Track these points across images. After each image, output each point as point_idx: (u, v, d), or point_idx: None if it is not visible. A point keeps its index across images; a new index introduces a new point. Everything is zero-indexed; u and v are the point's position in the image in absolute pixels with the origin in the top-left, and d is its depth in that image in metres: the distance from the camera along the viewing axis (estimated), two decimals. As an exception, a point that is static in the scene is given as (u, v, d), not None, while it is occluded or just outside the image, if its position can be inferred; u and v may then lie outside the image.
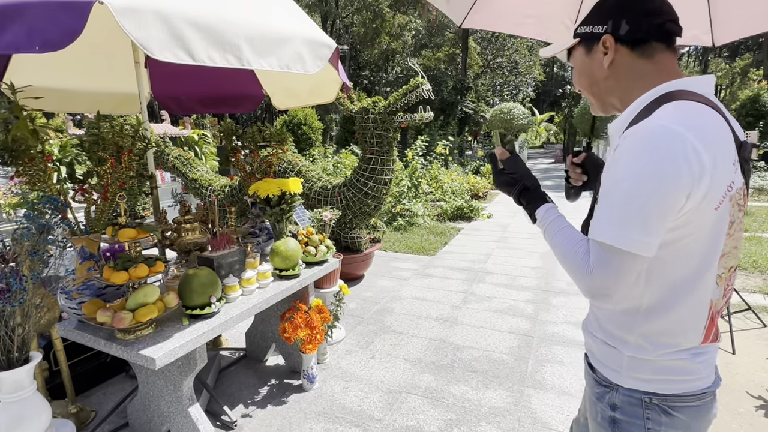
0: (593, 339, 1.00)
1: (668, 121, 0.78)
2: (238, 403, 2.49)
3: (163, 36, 1.30)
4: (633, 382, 0.92)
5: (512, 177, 1.04)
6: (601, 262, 0.82)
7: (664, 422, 0.90)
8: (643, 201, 0.77)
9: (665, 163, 0.76)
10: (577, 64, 1.00)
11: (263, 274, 2.28)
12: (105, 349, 1.74)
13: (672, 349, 0.89)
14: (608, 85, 0.96)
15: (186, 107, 3.29)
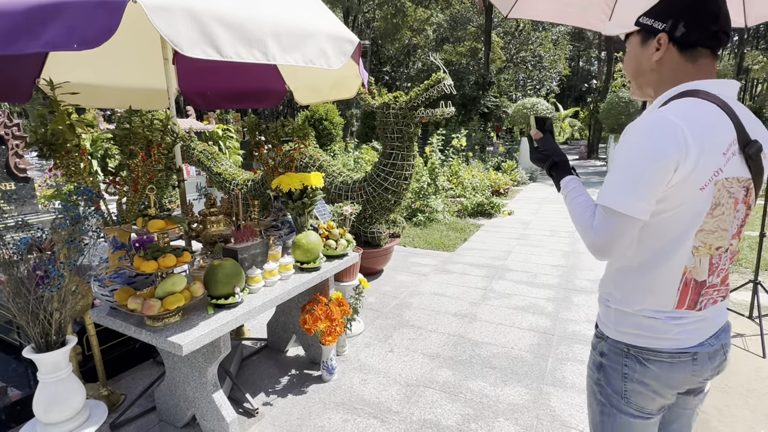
0: (599, 302, 1.19)
1: (667, 112, 0.95)
2: (259, 392, 2.55)
3: (192, 33, 1.35)
4: (617, 335, 1.11)
5: (544, 153, 1.21)
6: (603, 222, 0.99)
7: (638, 370, 1.08)
8: (638, 172, 0.95)
9: (658, 142, 0.93)
10: (631, 50, 1.11)
11: (285, 266, 2.33)
12: (135, 334, 1.82)
13: (650, 308, 1.06)
14: (651, 77, 1.09)
15: (211, 102, 3.37)
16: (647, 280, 1.05)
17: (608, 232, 0.98)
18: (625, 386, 1.10)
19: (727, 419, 2.30)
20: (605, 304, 1.14)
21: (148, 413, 2.35)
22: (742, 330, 3.24)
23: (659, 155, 0.93)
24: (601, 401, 1.16)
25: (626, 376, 1.10)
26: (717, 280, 1.05)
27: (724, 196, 0.97)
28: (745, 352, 2.94)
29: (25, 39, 1.20)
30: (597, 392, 1.18)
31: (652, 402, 1.10)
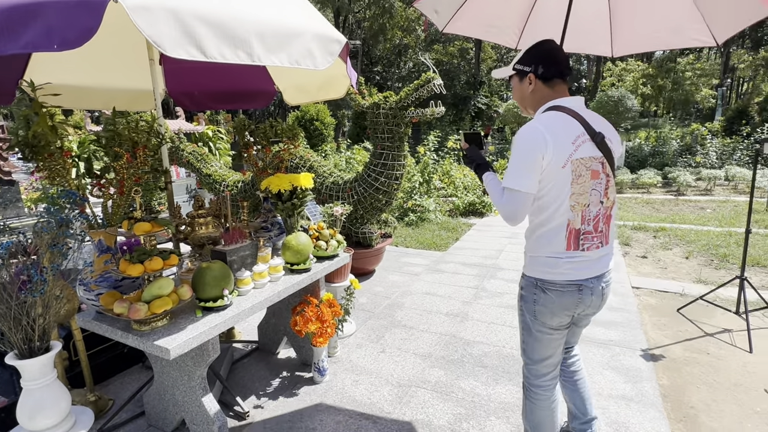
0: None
1: (535, 122, 1.51)
2: (250, 395, 2.53)
3: (175, 33, 1.33)
4: (530, 272, 1.64)
5: (470, 158, 1.75)
6: (508, 197, 1.50)
7: (542, 297, 1.60)
8: (521, 162, 1.47)
9: (530, 141, 1.47)
10: (515, 86, 1.69)
11: (275, 268, 2.31)
12: (122, 339, 1.79)
13: (548, 252, 1.56)
14: (530, 101, 1.66)
15: (199, 103, 3.34)
16: (545, 233, 1.55)
17: (511, 204, 1.48)
18: (535, 308, 1.63)
19: (715, 414, 2.32)
20: (525, 254, 1.67)
21: (137, 418, 2.32)
22: (730, 325, 3.29)
23: (531, 149, 1.45)
24: (523, 321, 1.70)
25: (535, 302, 1.62)
26: (590, 227, 1.53)
27: (582, 170, 1.48)
28: (732, 347, 2.98)
29: (4, 40, 1.18)
30: (519, 312, 1.73)
31: (551, 319, 1.61)
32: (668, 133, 14.22)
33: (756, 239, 5.50)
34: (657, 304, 3.75)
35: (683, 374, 2.69)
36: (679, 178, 10.03)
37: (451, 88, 19.14)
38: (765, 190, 8.42)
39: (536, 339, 1.68)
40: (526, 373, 1.80)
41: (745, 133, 12.32)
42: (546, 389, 1.75)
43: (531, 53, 1.58)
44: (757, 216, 6.92)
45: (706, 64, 25.35)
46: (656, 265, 4.87)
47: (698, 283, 4.19)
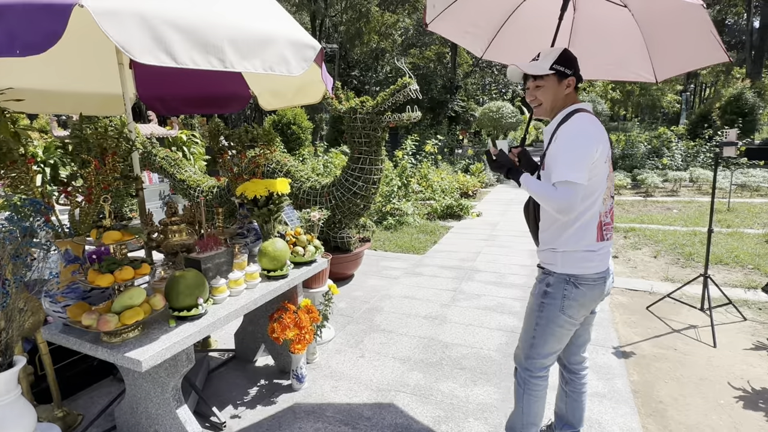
0: (543, 252, 1.78)
1: (586, 120, 1.60)
2: (227, 404, 2.49)
3: (144, 38, 1.30)
4: (563, 269, 1.68)
5: (501, 163, 1.78)
6: (563, 191, 1.51)
7: (573, 292, 1.67)
8: (578, 154, 1.53)
9: (589, 135, 1.56)
10: (549, 86, 1.68)
11: (251, 275, 2.29)
12: (91, 352, 1.74)
13: (584, 245, 1.65)
14: (560, 104, 1.71)
15: (171, 108, 3.27)
16: (581, 226, 1.63)
17: (568, 196, 1.49)
18: (563, 304, 1.68)
19: (682, 407, 2.41)
20: (551, 251, 1.71)
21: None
22: (695, 322, 3.42)
23: (590, 143, 1.53)
24: (539, 316, 1.74)
25: (565, 297, 1.68)
26: (608, 218, 1.69)
27: (610, 165, 1.65)
28: (697, 343, 3.11)
29: (-39, 44, 1.13)
30: (538, 308, 1.75)
31: (578, 312, 1.70)
32: (636, 136, 14.73)
33: (718, 238, 5.75)
34: (628, 303, 3.88)
35: (652, 370, 2.78)
36: (647, 179, 10.39)
37: (427, 93, 19.33)
38: (726, 191, 8.82)
39: (553, 333, 1.73)
40: (529, 367, 1.83)
41: (707, 136, 12.88)
42: (545, 379, 1.86)
43: (569, 58, 1.66)
44: (719, 216, 7.24)
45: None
46: (627, 264, 5.03)
47: (666, 282, 4.35)
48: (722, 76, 29.92)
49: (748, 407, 2.39)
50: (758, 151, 13.08)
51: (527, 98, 1.74)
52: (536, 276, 1.84)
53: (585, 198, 1.58)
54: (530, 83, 1.71)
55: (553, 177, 1.53)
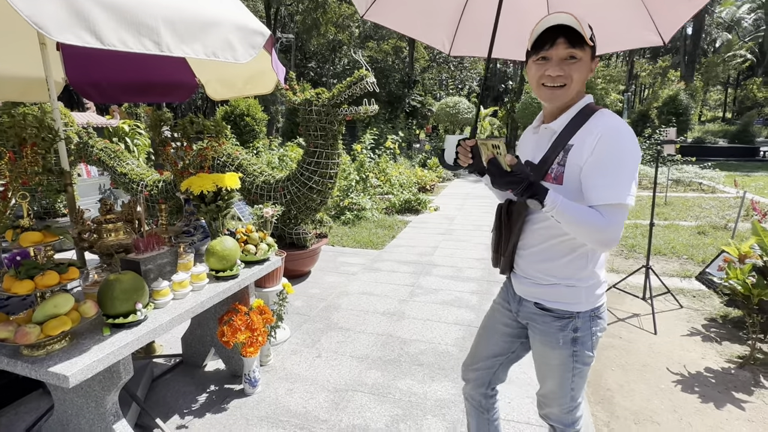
0: (545, 287, 1.36)
1: (622, 121, 1.21)
2: (173, 414, 2.33)
3: (63, 14, 1.14)
4: (588, 305, 1.33)
5: (519, 177, 1.20)
6: (616, 217, 1.14)
7: (599, 325, 1.36)
8: (633, 168, 1.17)
9: (636, 143, 1.19)
10: (582, 64, 1.24)
11: (197, 276, 2.14)
12: (8, 367, 1.55)
13: (604, 272, 1.37)
14: (582, 88, 1.31)
15: (108, 95, 3.00)
16: (604, 254, 1.36)
17: (620, 224, 1.15)
18: (592, 340, 1.36)
19: (627, 393, 2.53)
20: (570, 287, 1.32)
21: (35, 454, 2.04)
22: (638, 310, 3.61)
23: (639, 152, 1.19)
24: (575, 367, 1.37)
25: (593, 334, 1.35)
26: None
27: None
28: (640, 330, 3.28)
29: None
30: (572, 362, 1.36)
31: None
32: (584, 133, 15.43)
33: (657, 230, 6.13)
34: (577, 294, 4.03)
35: (601, 359, 2.90)
36: (593, 175, 10.92)
37: (385, 86, 19.28)
38: (664, 186, 9.43)
39: (586, 376, 1.42)
40: (576, 423, 1.47)
41: (646, 134, 13.73)
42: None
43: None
44: (657, 209, 7.73)
45: (614, 71, 27.91)
46: (576, 256, 5.23)
47: (611, 272, 4.57)
48: (659, 78, 32.05)
49: (685, 390, 2.54)
50: (690, 148, 14.12)
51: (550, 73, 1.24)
52: (535, 319, 1.39)
53: None
54: (558, 52, 1.21)
55: (602, 197, 1.14)
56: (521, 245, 1.41)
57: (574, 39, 1.19)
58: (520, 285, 1.44)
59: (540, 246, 1.35)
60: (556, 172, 1.27)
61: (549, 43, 1.22)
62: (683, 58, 27.86)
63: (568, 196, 1.19)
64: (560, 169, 1.26)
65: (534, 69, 1.29)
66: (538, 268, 1.36)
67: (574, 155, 1.22)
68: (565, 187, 1.24)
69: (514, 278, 1.47)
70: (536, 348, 1.45)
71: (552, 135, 1.32)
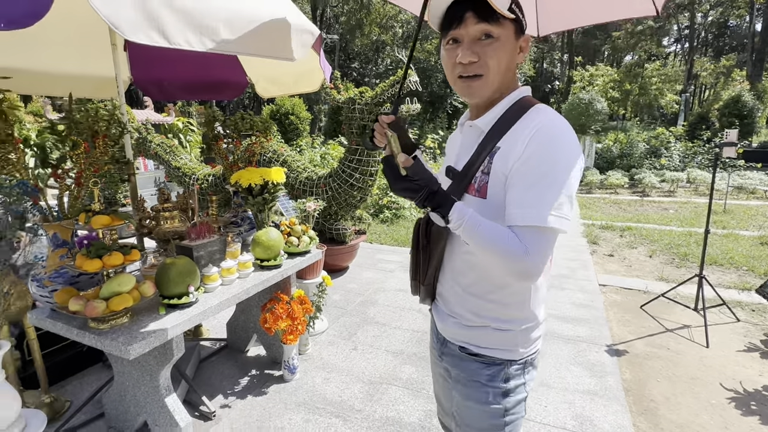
0: (472, 329, 1.08)
1: (560, 118, 0.95)
2: (217, 394, 2.47)
3: (136, 16, 1.26)
4: (523, 352, 1.07)
5: (417, 183, 0.96)
6: (537, 242, 0.89)
7: (532, 373, 1.11)
8: (570, 181, 0.90)
9: (577, 147, 0.93)
10: (505, 42, 0.95)
11: (244, 264, 2.25)
12: (78, 338, 1.71)
13: (542, 312, 1.10)
14: (508, 78, 1.02)
15: (167, 93, 3.21)
16: (544, 289, 1.08)
17: (544, 252, 0.89)
18: (526, 390, 1.10)
19: (673, 406, 2.41)
20: (503, 331, 1.05)
21: (96, 420, 2.22)
22: (689, 321, 3.43)
23: (580, 160, 0.92)
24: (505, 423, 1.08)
25: (526, 385, 1.09)
26: None
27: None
28: (690, 342, 3.11)
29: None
30: (503, 422, 1.08)
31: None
32: (635, 135, 14.74)
33: (714, 239, 5.76)
34: (622, 301, 3.87)
35: (645, 369, 2.78)
36: (644, 179, 10.41)
37: (427, 86, 19.22)
38: (723, 193, 8.84)
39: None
40: None
41: (705, 137, 12.90)
42: None
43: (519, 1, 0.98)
44: (716, 217, 7.25)
45: (671, 70, 26.40)
46: (622, 263, 5.03)
47: (660, 281, 4.35)
48: (722, 78, 29.95)
49: (739, 408, 2.40)
50: (755, 153, 13.13)
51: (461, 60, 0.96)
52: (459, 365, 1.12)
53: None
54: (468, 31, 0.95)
55: (521, 216, 0.89)
56: (444, 273, 1.13)
57: (486, 12, 0.92)
58: (442, 323, 1.15)
59: (467, 276, 1.06)
60: (479, 182, 0.99)
61: (456, 21, 0.95)
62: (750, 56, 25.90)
63: (491, 213, 0.95)
64: (484, 179, 0.98)
65: (446, 56, 1.01)
66: (464, 305, 1.08)
67: (500, 161, 0.95)
68: (489, 202, 0.97)
69: (436, 313, 1.19)
70: (459, 402, 1.13)
71: (479, 135, 1.03)
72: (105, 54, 2.70)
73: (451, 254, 1.10)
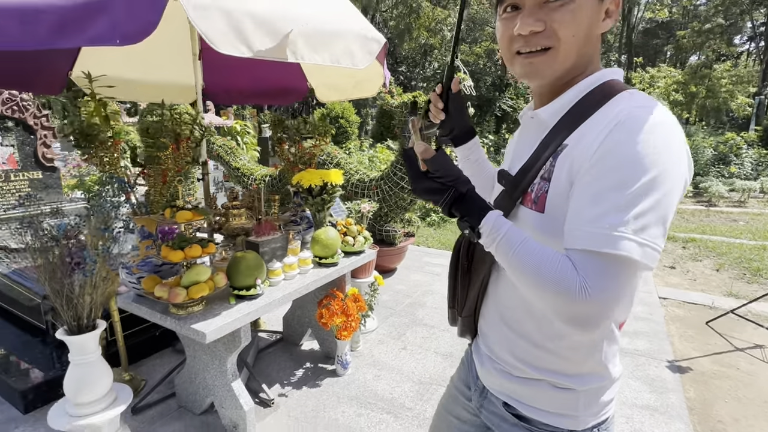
0: (520, 382, 0.83)
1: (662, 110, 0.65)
2: (274, 383, 2.60)
3: (227, 31, 1.39)
4: (590, 420, 0.81)
5: (440, 182, 0.76)
6: (602, 278, 0.62)
7: None
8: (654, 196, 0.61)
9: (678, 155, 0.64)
10: (579, 3, 0.70)
11: (304, 261, 2.37)
12: (160, 321, 1.88)
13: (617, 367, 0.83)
14: (591, 52, 0.75)
15: (234, 98, 3.43)
16: (618, 335, 0.81)
17: (611, 291, 0.62)
18: None
19: (744, 429, 2.27)
20: (562, 390, 0.80)
21: (168, 399, 2.41)
22: (762, 341, 3.19)
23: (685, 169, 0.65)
24: None
25: None
26: None
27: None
28: (763, 363, 2.90)
29: (71, 34, 1.26)
30: None
31: None
32: (701, 141, 13.79)
33: (792, 254, 5.31)
34: (685, 316, 3.67)
35: (711, 388, 2.63)
36: (711, 188, 9.73)
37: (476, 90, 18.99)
38: (803, 204, 8.10)
39: None
40: None
41: (783, 144, 11.85)
42: None
43: None
44: (794, 230, 6.66)
45: (744, 70, 24.44)
46: (685, 276, 4.75)
47: (729, 297, 4.08)
48: (803, 79, 27.30)
49: (820, 436, 2.22)
50: (843, 162, 11.91)
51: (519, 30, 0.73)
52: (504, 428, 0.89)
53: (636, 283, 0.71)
54: None
55: (581, 237, 0.64)
56: (487, 305, 0.91)
57: None
58: (483, 368, 0.92)
59: (515, 313, 0.83)
60: (537, 191, 0.75)
61: None
62: (838, 54, 23.49)
63: (551, 232, 0.72)
64: (544, 186, 0.74)
65: (501, 28, 0.78)
66: (511, 350, 0.84)
67: (565, 163, 0.71)
68: (547, 217, 0.73)
69: (476, 353, 0.96)
70: None
71: (542, 129, 0.79)
72: (179, 63, 2.94)
73: (497, 282, 0.87)
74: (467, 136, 0.96)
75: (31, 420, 2.27)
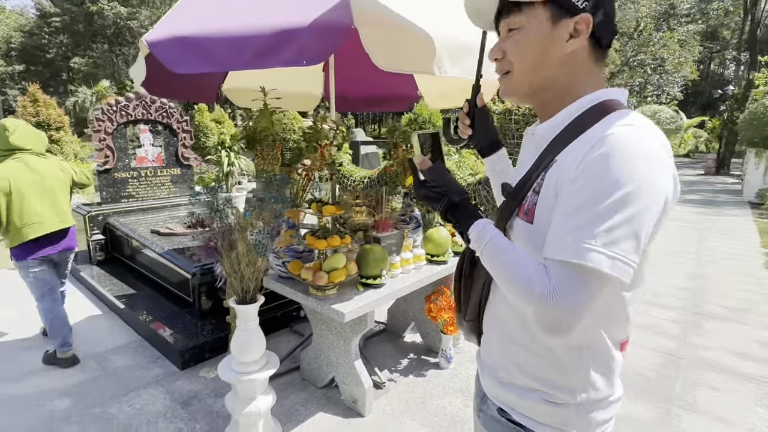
0: (511, 389, 0.86)
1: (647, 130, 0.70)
2: (382, 369, 2.81)
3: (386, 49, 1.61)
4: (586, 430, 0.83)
5: (436, 191, 0.87)
6: (570, 287, 0.67)
7: None
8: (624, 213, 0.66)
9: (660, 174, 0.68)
10: (532, 31, 0.78)
11: (418, 257, 2.56)
12: (302, 301, 2.17)
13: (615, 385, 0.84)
14: (557, 74, 0.80)
15: (350, 105, 3.74)
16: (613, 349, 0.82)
17: (579, 300, 0.67)
18: None
19: None
20: (552, 404, 0.81)
21: (292, 372, 2.73)
22: None
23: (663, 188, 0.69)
24: None
25: None
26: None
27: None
28: None
29: (268, 57, 1.55)
30: None
31: None
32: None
33: None
34: (825, 348, 3.26)
35: None
36: None
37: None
38: None
39: None
40: None
41: None
42: None
43: None
44: None
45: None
46: (824, 304, 4.18)
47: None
48: None
49: None
50: None
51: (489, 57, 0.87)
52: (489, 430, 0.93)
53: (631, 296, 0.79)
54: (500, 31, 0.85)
55: (556, 248, 0.70)
56: (488, 310, 0.94)
57: (506, 5, 0.81)
58: (483, 373, 0.95)
59: (510, 318, 0.86)
60: (529, 203, 0.81)
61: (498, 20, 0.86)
62: None
63: (539, 241, 0.75)
64: (534, 199, 0.80)
65: None
66: (508, 356, 0.87)
67: (552, 177, 0.76)
68: (535, 228, 0.78)
69: (478, 358, 1.00)
70: None
71: (540, 145, 0.83)
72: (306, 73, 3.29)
73: (495, 288, 0.92)
74: (493, 147, 1.04)
75: (186, 375, 2.72)
